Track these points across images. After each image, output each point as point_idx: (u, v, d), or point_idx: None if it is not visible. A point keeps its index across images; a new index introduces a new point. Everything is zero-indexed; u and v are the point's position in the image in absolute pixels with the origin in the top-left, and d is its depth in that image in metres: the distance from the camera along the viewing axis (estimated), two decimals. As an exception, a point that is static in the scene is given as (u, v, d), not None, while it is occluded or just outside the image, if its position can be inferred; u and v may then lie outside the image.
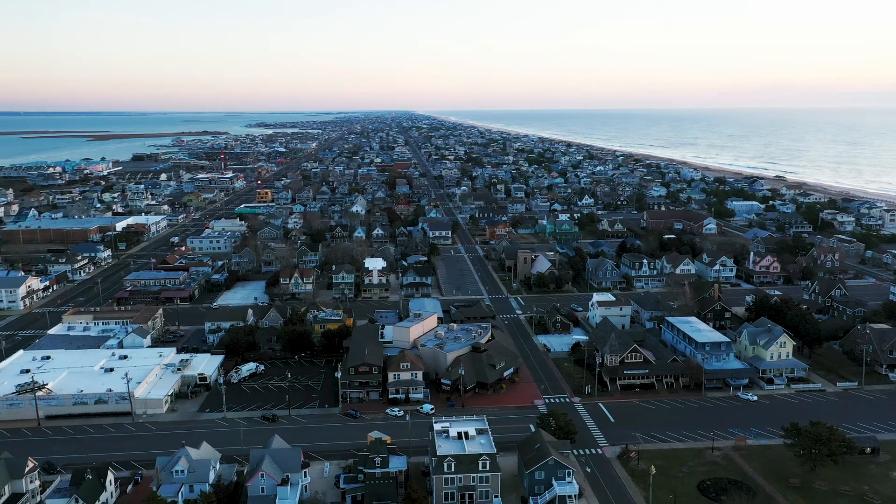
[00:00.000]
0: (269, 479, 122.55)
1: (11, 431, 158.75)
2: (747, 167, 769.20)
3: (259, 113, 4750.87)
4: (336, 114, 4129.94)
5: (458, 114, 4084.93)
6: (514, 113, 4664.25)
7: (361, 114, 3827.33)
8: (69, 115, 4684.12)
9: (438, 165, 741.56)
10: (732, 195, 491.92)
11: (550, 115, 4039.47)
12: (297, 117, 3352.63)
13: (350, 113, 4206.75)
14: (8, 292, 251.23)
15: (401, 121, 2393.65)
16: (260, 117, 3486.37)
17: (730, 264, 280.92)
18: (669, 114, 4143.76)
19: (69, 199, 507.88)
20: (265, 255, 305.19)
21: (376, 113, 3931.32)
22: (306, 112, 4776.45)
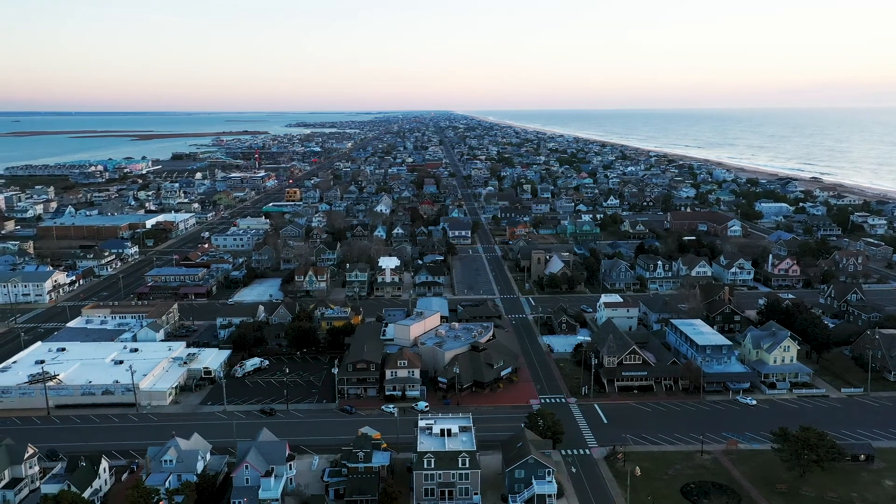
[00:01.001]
0: (254, 470, 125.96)
1: (22, 419, 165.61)
2: (784, 168, 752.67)
3: (300, 113, 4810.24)
4: (376, 114, 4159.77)
5: (497, 114, 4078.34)
6: (554, 113, 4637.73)
7: (400, 114, 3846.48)
8: (117, 115, 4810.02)
9: (469, 165, 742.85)
10: (763, 197, 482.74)
11: (591, 115, 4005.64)
12: (337, 117, 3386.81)
13: (389, 113, 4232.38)
14: (35, 286, 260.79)
15: (438, 121, 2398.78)
16: (300, 117, 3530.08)
17: (747, 267, 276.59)
18: (714, 114, 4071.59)
19: (105, 197, 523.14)
20: (284, 253, 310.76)
21: (415, 113, 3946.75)
22: (346, 112, 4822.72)
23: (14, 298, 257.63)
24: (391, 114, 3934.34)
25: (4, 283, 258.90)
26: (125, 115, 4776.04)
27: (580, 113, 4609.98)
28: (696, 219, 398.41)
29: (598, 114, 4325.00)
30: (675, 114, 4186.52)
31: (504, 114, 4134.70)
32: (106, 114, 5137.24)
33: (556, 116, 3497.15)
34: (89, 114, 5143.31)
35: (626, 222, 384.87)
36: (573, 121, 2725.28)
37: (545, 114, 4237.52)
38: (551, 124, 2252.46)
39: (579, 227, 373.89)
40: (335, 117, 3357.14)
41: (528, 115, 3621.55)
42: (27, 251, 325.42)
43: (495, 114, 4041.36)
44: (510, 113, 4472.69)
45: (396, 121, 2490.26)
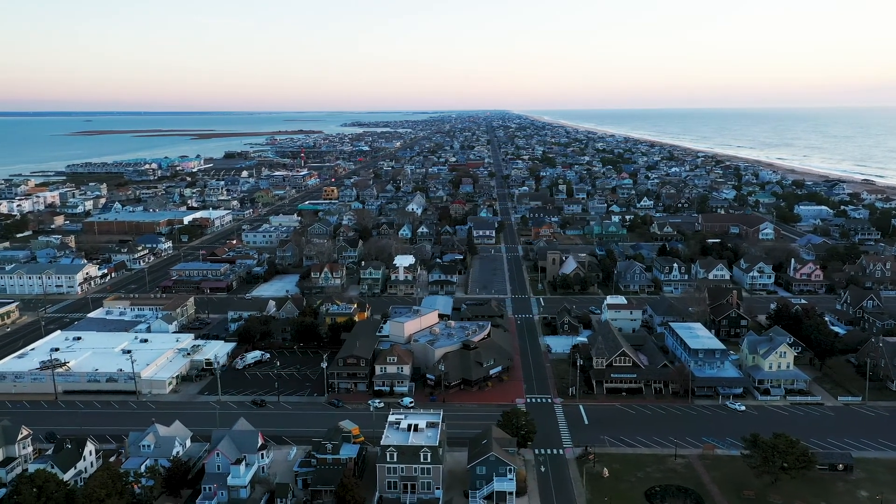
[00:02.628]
0: (224, 458, 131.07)
1: (32, 403, 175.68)
2: (837, 170, 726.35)
3: (357, 112, 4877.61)
4: (431, 113, 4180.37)
5: (553, 113, 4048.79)
6: (612, 112, 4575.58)
7: (455, 113, 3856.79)
8: (183, 114, 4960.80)
9: (510, 165, 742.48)
10: (805, 199, 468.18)
11: (649, 114, 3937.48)
12: (393, 116, 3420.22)
13: (444, 112, 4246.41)
14: (67, 278, 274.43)
15: (492, 120, 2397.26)
16: (357, 117, 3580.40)
17: (767, 271, 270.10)
18: (778, 113, 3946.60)
19: (152, 194, 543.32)
20: (307, 250, 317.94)
21: (470, 112, 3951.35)
22: (402, 111, 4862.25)
23: (47, 289, 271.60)
24: (446, 113, 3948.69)
25: (39, 275, 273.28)
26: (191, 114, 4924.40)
27: (638, 112, 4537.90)
28: (728, 221, 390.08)
29: (657, 113, 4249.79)
30: (739, 113, 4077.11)
31: (560, 113, 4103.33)
32: (173, 113, 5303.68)
33: (612, 116, 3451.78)
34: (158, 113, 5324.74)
35: (654, 224, 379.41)
36: (629, 120, 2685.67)
37: (602, 113, 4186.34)
38: (606, 124, 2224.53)
39: (605, 229, 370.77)
40: (391, 117, 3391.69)
41: (584, 115, 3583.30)
42: (68, 245, 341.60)
43: (551, 113, 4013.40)
44: (567, 112, 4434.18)
45: (450, 120, 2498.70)
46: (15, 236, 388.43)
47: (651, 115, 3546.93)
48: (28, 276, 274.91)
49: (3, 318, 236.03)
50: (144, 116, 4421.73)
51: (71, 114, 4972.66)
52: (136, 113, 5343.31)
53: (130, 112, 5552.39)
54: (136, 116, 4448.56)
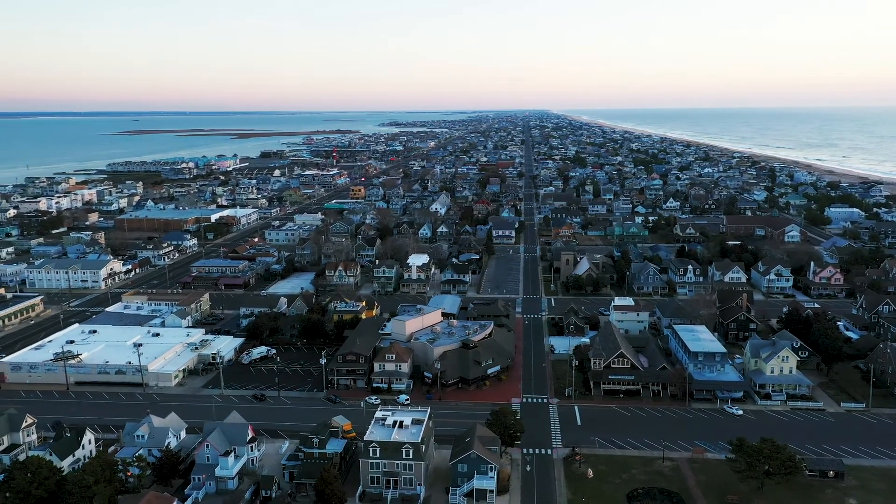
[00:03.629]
0: (213, 449, 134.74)
1: (44, 393, 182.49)
2: (877, 172, 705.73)
3: (396, 112, 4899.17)
4: (470, 113, 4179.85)
5: (593, 113, 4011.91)
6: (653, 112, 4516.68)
7: (493, 113, 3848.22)
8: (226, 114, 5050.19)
9: (540, 165, 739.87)
10: (839, 201, 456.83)
11: (692, 114, 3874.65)
12: (431, 116, 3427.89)
13: (482, 112, 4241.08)
14: (91, 273, 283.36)
15: (530, 120, 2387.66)
16: (396, 116, 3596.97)
17: (786, 274, 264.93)
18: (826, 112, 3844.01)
19: (185, 192, 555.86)
20: (325, 249, 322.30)
21: (508, 112, 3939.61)
22: (441, 111, 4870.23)
23: (72, 284, 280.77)
24: (485, 113, 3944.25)
25: (65, 270, 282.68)
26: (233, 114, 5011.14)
27: (680, 112, 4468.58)
28: (753, 223, 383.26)
29: (700, 112, 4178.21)
30: (786, 112, 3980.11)
31: (600, 113, 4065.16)
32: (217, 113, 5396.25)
33: (653, 115, 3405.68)
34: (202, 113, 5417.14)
35: (677, 225, 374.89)
36: (669, 120, 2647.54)
37: (643, 113, 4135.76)
38: (645, 124, 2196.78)
39: (626, 230, 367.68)
40: (429, 116, 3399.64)
41: (625, 115, 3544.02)
42: (98, 241, 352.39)
43: (591, 113, 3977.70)
44: (607, 112, 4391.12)
45: (487, 120, 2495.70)
46: (50, 232, 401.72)
47: (693, 115, 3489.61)
48: (55, 270, 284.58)
49: (28, 311, 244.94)
50: (189, 116, 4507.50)
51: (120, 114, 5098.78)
52: (182, 113, 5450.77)
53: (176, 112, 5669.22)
54: (182, 116, 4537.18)
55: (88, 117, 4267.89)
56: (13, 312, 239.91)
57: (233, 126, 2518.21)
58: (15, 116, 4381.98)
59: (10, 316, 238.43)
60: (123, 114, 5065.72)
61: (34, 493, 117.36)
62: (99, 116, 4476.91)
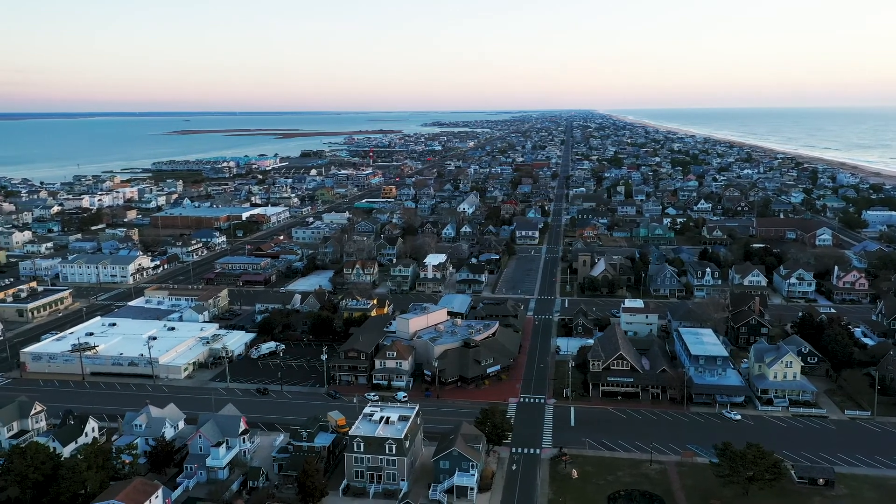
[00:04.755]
0: (206, 440, 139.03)
1: (61, 382, 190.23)
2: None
3: (440, 112, 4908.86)
4: (514, 113, 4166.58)
5: (639, 112, 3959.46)
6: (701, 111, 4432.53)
7: (537, 113, 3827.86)
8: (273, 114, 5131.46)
9: (576, 166, 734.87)
10: (879, 204, 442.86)
11: (741, 113, 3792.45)
12: (474, 116, 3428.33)
13: (526, 112, 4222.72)
14: (120, 268, 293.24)
15: (573, 120, 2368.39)
16: (439, 116, 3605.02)
17: (808, 278, 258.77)
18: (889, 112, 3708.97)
19: (221, 191, 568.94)
20: (347, 247, 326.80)
21: (552, 112, 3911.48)
22: (485, 111, 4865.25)
23: (102, 278, 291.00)
24: (528, 113, 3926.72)
25: (96, 265, 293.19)
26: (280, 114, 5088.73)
27: (730, 111, 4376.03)
28: (784, 226, 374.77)
29: (750, 112, 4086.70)
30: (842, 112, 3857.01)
31: (647, 112, 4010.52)
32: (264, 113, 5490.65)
33: (701, 115, 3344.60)
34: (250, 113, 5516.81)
35: (704, 227, 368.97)
36: (717, 120, 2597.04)
37: (691, 112, 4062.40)
38: (691, 123, 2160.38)
39: (651, 231, 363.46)
40: (473, 116, 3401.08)
41: (672, 115, 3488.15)
42: (131, 237, 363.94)
43: (637, 113, 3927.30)
44: (654, 112, 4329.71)
45: (530, 120, 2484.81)
46: (89, 229, 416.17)
47: (744, 115, 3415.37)
48: (87, 265, 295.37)
49: (57, 304, 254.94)
50: (238, 116, 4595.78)
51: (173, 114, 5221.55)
52: (231, 113, 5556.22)
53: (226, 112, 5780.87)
54: (231, 116, 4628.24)
55: (143, 117, 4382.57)
56: (43, 305, 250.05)
57: (279, 126, 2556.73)
58: (75, 117, 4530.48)
59: (40, 308, 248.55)
60: (176, 114, 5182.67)
61: (31, 476, 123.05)
62: (153, 117, 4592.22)
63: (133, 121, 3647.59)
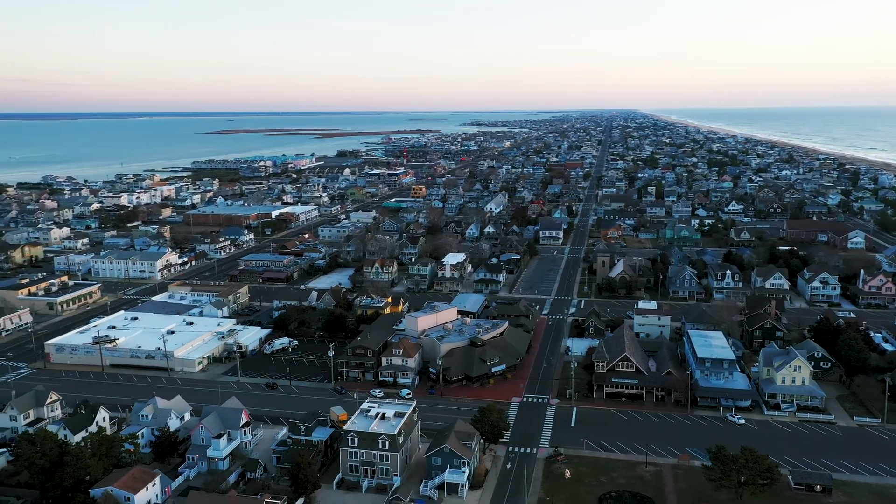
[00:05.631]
0: (207, 431, 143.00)
1: (82, 373, 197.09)
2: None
3: (480, 112, 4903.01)
4: (554, 113, 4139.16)
5: (682, 112, 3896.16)
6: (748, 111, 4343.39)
7: (577, 113, 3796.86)
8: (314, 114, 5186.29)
9: (610, 166, 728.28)
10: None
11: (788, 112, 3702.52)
12: (514, 116, 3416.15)
13: (566, 112, 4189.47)
14: (148, 264, 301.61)
15: (614, 120, 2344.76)
16: (479, 116, 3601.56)
17: (832, 282, 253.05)
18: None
19: (255, 189, 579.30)
20: (370, 246, 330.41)
21: (593, 112, 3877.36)
22: (525, 111, 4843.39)
23: (131, 273, 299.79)
24: (569, 113, 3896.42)
25: (125, 261, 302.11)
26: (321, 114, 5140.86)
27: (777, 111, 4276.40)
28: (816, 228, 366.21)
29: (798, 112, 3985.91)
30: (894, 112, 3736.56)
31: (690, 112, 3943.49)
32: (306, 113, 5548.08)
33: (746, 115, 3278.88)
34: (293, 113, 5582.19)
35: (732, 229, 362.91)
36: (762, 119, 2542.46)
37: (737, 112, 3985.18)
38: (734, 123, 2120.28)
39: (677, 233, 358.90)
40: (512, 116, 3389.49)
41: (716, 114, 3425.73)
42: (163, 234, 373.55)
43: (680, 112, 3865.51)
44: (697, 111, 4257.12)
45: (570, 120, 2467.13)
46: (125, 226, 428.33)
47: (790, 114, 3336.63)
48: (117, 261, 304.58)
49: (85, 298, 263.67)
50: (281, 116, 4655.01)
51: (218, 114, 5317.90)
52: (274, 113, 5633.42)
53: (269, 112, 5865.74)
54: (274, 116, 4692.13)
55: (190, 117, 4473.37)
56: (72, 298, 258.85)
57: (320, 126, 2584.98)
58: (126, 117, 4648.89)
59: (69, 301, 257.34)
60: (220, 114, 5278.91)
61: (38, 462, 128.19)
62: (199, 117, 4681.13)
63: (180, 121, 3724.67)
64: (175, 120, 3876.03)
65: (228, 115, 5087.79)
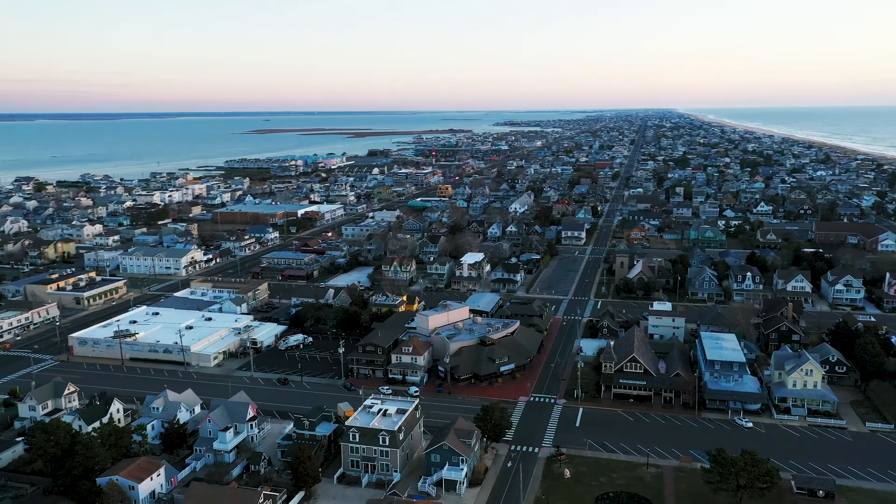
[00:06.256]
0: (214, 424, 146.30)
1: (102, 366, 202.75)
2: None
3: (515, 112, 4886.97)
4: (589, 112, 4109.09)
5: (720, 112, 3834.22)
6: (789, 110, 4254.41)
7: (612, 112, 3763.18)
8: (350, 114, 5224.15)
9: (640, 166, 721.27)
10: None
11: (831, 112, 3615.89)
12: (548, 116, 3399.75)
13: (601, 111, 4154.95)
14: (174, 261, 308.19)
15: (649, 119, 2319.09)
16: (513, 116, 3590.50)
17: (856, 285, 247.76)
18: None
19: (283, 188, 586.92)
20: (391, 244, 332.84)
21: (629, 111, 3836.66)
22: (559, 111, 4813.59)
23: (157, 270, 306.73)
24: (604, 112, 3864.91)
25: (151, 257, 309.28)
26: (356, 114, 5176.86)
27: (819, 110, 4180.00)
28: (846, 230, 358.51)
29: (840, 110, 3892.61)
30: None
31: (729, 112, 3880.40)
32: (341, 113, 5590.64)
33: (786, 114, 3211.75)
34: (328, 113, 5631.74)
35: (759, 230, 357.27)
36: (803, 119, 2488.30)
37: (776, 111, 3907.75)
38: (773, 123, 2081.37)
39: (702, 234, 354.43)
40: (546, 116, 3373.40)
41: (755, 114, 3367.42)
42: (190, 232, 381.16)
43: (718, 112, 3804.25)
44: (736, 111, 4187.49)
45: (604, 120, 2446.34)
46: (156, 223, 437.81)
47: (832, 113, 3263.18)
48: (144, 257, 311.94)
49: (111, 293, 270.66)
50: (316, 116, 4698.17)
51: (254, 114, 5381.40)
52: (310, 113, 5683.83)
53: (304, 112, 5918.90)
54: (309, 116, 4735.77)
55: (227, 117, 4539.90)
56: (99, 293, 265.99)
57: (354, 126, 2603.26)
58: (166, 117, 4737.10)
59: (96, 296, 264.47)
60: (257, 114, 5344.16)
61: (49, 450, 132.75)
62: (236, 117, 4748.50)
63: (218, 120, 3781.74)
64: (213, 120, 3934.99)
65: (265, 114, 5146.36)
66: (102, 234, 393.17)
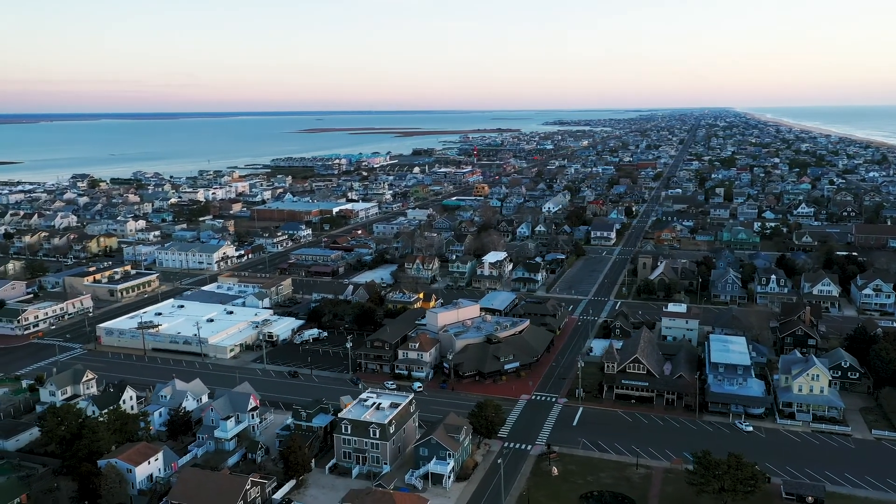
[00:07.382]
0: (217, 413, 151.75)
1: (126, 356, 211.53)
2: None
3: (566, 111, 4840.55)
4: (642, 111, 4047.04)
5: (778, 111, 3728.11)
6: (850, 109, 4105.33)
7: (665, 111, 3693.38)
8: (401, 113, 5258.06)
9: (684, 166, 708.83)
10: None
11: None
12: (600, 115, 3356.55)
13: (655, 110, 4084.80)
14: (206, 256, 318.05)
15: (703, 119, 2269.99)
16: (564, 115, 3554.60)
17: (886, 289, 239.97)
18: None
19: (322, 186, 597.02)
20: (417, 242, 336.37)
21: (683, 111, 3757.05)
22: (611, 110, 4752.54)
23: (190, 264, 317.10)
24: (656, 111, 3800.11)
25: (185, 252, 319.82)
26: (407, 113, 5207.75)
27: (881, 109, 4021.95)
28: (888, 233, 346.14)
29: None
30: None
31: (788, 110, 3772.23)
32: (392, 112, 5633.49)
33: (848, 113, 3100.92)
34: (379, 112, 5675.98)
35: (794, 233, 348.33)
36: (865, 118, 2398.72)
37: (838, 110, 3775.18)
38: (832, 122, 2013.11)
39: (735, 235, 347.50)
40: (599, 115, 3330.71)
41: (815, 112, 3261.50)
42: (227, 228, 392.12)
43: (777, 111, 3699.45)
44: (796, 109, 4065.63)
45: (655, 119, 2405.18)
46: (197, 219, 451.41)
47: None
48: (178, 252, 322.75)
49: (144, 286, 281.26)
50: (367, 115, 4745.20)
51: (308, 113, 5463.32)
52: (361, 112, 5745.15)
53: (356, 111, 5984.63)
54: (361, 115, 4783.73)
55: (281, 116, 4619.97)
56: (132, 286, 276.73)
57: (404, 125, 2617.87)
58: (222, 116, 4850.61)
59: (129, 289, 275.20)
60: (310, 113, 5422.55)
61: (59, 433, 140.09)
62: (290, 116, 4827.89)
63: (272, 120, 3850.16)
64: (268, 119, 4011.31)
65: (318, 114, 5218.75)
66: (144, 229, 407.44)
